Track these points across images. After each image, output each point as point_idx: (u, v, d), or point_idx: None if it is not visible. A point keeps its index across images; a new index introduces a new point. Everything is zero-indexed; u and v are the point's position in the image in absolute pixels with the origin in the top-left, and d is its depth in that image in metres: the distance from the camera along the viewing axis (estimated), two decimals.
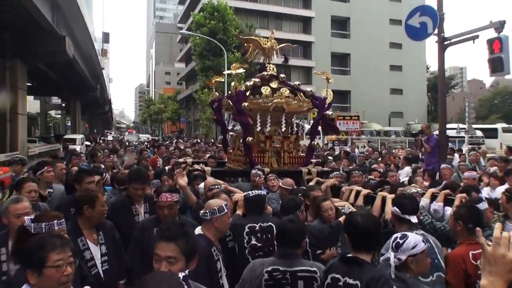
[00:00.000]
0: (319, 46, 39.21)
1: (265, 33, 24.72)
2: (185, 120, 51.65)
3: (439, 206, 4.20)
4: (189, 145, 18.21)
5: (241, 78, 17.50)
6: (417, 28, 7.77)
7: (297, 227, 2.66)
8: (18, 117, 18.47)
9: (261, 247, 3.32)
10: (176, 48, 69.55)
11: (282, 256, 2.59)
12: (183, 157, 9.22)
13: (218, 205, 2.77)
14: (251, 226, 3.38)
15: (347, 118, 23.44)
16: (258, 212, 3.56)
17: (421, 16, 7.69)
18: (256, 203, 3.58)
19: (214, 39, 25.48)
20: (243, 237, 3.34)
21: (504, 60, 6.97)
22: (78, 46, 24.11)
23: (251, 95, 5.90)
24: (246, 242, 3.33)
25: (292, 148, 6.31)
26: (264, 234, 3.38)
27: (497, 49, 7.02)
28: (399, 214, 3.02)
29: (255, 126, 5.94)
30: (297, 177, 5.60)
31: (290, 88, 6.12)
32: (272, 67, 6.31)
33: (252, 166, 5.71)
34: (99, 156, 9.56)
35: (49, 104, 50.36)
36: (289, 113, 6.13)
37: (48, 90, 36.54)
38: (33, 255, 1.84)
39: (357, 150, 15.18)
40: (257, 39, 6.64)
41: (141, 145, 19.30)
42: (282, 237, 2.65)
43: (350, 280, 2.25)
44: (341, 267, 2.33)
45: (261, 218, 3.49)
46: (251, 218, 3.49)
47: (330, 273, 2.37)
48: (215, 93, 7.21)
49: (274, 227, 3.33)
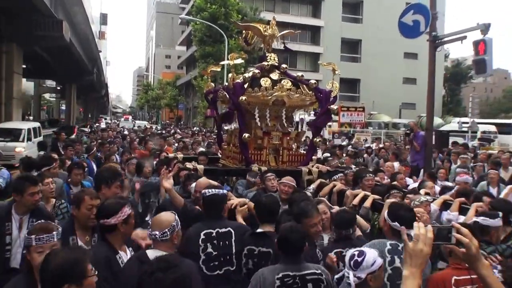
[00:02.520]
0: (329, 31, 39.05)
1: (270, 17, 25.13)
2: (183, 107, 51.98)
3: (454, 215, 4.08)
4: (189, 135, 18.01)
5: (241, 66, 17.98)
6: (410, 25, 8.39)
7: (299, 237, 2.78)
8: (13, 101, 19.34)
9: (217, 256, 3.17)
10: (177, 30, 69.71)
11: (289, 262, 2.76)
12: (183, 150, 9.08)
13: (173, 219, 2.69)
14: (207, 233, 3.20)
15: (351, 109, 23.27)
16: (216, 215, 3.35)
17: (415, 14, 8.32)
18: (213, 205, 3.37)
19: (215, 25, 25.54)
20: (198, 245, 3.16)
21: (487, 62, 7.57)
22: (75, 29, 24.58)
23: (249, 88, 5.74)
24: (201, 251, 3.15)
25: (293, 145, 6.18)
26: (221, 241, 3.20)
27: (482, 50, 7.60)
28: (397, 228, 2.93)
29: (253, 121, 5.83)
30: (296, 177, 5.35)
31: (292, 79, 5.97)
32: (274, 56, 6.12)
33: (247, 165, 5.61)
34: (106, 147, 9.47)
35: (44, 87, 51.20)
36: (290, 107, 5.99)
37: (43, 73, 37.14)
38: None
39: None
40: (257, 26, 6.49)
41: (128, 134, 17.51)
42: (286, 246, 2.79)
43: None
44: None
45: (219, 223, 3.29)
46: (208, 223, 3.28)
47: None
48: (210, 83, 7.01)
49: (233, 233, 3.25)
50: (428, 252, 1.50)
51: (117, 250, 2.75)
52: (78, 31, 25.61)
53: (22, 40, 18.51)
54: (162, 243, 2.62)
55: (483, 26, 7.63)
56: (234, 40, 25.78)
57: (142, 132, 20.26)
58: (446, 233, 1.56)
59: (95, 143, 10.91)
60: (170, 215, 2.75)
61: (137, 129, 26.38)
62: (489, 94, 79.55)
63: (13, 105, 19.24)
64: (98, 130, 23.46)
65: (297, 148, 6.29)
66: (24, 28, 17.51)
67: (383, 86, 38.39)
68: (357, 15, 41.29)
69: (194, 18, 27.91)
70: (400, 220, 2.91)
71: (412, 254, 1.52)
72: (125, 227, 2.82)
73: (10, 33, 17.60)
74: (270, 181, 4.80)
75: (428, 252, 1.50)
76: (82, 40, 28.23)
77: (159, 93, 57.53)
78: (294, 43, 34.61)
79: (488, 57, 7.58)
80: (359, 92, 40.53)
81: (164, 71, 73.06)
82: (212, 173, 5.61)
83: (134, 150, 9.17)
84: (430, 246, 1.51)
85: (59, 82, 44.21)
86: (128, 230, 2.88)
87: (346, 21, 40.52)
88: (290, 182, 4.58)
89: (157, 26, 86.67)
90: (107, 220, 2.77)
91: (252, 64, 14.69)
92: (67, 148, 7.99)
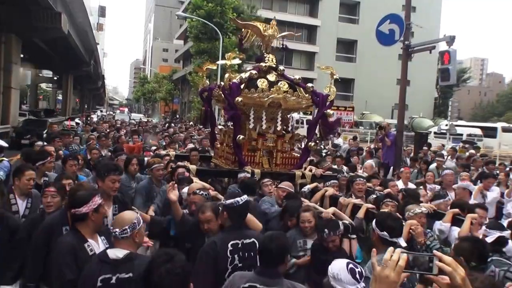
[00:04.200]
0: (325, 30, 39.08)
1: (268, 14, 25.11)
2: (178, 101, 51.90)
3: (446, 227, 4.02)
4: (184, 129, 17.81)
5: (236, 64, 17.95)
6: (386, 34, 8.92)
7: (278, 245, 2.57)
8: (11, 91, 19.39)
9: (242, 267, 2.99)
10: (176, 23, 69.23)
11: (261, 273, 2.53)
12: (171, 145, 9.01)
13: (135, 217, 2.61)
14: (234, 244, 3.00)
15: (341, 108, 23.54)
16: (241, 224, 3.17)
17: (391, 24, 8.83)
18: (239, 213, 3.16)
19: (210, 22, 25.70)
20: (226, 257, 2.94)
21: (450, 71, 8.18)
22: (73, 21, 24.49)
23: (245, 89, 5.64)
24: (229, 263, 2.95)
25: (287, 148, 6.09)
26: (247, 253, 3.06)
27: (447, 60, 8.25)
28: (387, 238, 2.94)
29: (248, 123, 5.74)
30: (289, 180, 5.30)
31: (290, 82, 5.90)
32: (272, 57, 6.02)
33: (240, 166, 5.51)
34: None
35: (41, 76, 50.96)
36: (286, 110, 5.93)
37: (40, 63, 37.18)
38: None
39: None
40: (257, 25, 6.36)
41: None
42: (263, 255, 2.61)
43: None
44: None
45: (244, 233, 3.12)
46: (233, 233, 3.08)
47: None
48: (205, 81, 6.90)
49: (256, 243, 3.06)
50: (396, 280, 1.39)
51: (86, 238, 2.79)
52: (76, 23, 25.54)
53: (20, 31, 18.57)
54: (122, 241, 2.54)
55: (448, 38, 8.42)
56: (229, 38, 25.99)
57: (135, 125, 20.02)
58: (426, 261, 1.40)
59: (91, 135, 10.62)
60: (131, 214, 2.69)
61: (133, 122, 26.23)
62: (483, 97, 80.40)
63: (11, 94, 19.29)
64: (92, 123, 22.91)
65: (291, 150, 6.19)
66: (23, 19, 17.53)
67: (377, 87, 38.63)
68: (353, 15, 41.42)
69: (190, 16, 27.99)
70: (388, 230, 2.93)
71: (377, 279, 1.42)
72: (95, 215, 2.87)
73: (9, 24, 17.63)
74: (267, 186, 4.73)
75: (395, 280, 1.39)
76: (80, 32, 28.15)
77: (155, 87, 57.46)
78: (290, 42, 34.66)
79: (452, 67, 8.34)
80: (353, 91, 40.72)
81: (162, 64, 72.76)
82: (204, 173, 5.56)
83: (122, 145, 8.97)
84: (399, 274, 1.39)
85: (56, 72, 44.04)
86: (98, 219, 2.91)
87: (342, 21, 40.64)
88: (288, 188, 4.57)
89: (156, 19, 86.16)
90: (78, 209, 2.83)
91: (247, 61, 14.81)
92: (54, 140, 7.79)
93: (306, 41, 40.46)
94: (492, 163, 9.37)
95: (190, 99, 40.23)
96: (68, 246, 2.68)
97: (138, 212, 2.81)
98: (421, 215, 3.83)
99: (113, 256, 2.46)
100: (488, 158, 10.57)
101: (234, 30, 25.55)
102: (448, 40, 8.35)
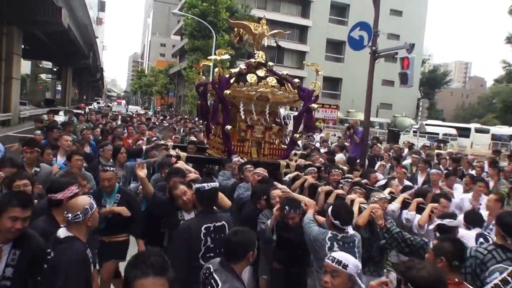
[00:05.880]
0: (316, 31, 39.17)
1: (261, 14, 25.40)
2: (174, 94, 51.97)
3: (412, 215, 4.15)
4: (174, 122, 17.71)
5: (228, 61, 18.34)
6: (356, 39, 9.30)
7: (240, 240, 2.46)
8: (12, 81, 19.62)
9: (213, 248, 3.08)
10: (173, 19, 68.68)
11: (221, 263, 2.45)
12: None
13: (88, 203, 2.56)
14: (207, 227, 3.11)
15: (326, 106, 23.87)
16: (211, 208, 3.29)
17: (360, 30, 9.24)
18: (210, 198, 3.28)
19: (204, 21, 25.95)
20: (200, 239, 3.05)
21: (409, 75, 8.71)
22: (73, 15, 24.63)
23: (235, 82, 5.76)
24: (203, 244, 3.06)
25: (275, 139, 6.19)
26: (218, 234, 3.12)
27: (406, 65, 8.71)
28: (339, 225, 3.15)
29: (238, 114, 5.86)
30: (274, 169, 5.54)
31: (278, 77, 6.03)
32: (261, 54, 6.16)
33: (229, 155, 5.64)
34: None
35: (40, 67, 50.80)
36: (274, 103, 6.03)
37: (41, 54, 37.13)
38: None
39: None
40: (247, 24, 6.53)
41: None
42: (225, 247, 2.53)
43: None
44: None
45: (215, 217, 3.22)
46: (206, 217, 3.18)
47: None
48: (201, 77, 6.99)
49: (226, 226, 3.18)
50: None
51: (59, 224, 2.74)
52: (76, 17, 25.65)
53: (22, 23, 18.67)
54: (74, 225, 2.50)
55: (408, 46, 8.79)
56: (222, 36, 26.26)
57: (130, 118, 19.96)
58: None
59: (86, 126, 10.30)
60: (86, 199, 2.63)
61: (130, 114, 26.03)
62: (465, 99, 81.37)
63: (13, 84, 19.52)
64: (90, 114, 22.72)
65: (279, 142, 6.29)
66: (25, 12, 17.59)
67: (363, 86, 38.19)
68: (343, 17, 41.72)
69: (186, 14, 28.27)
70: (340, 219, 3.14)
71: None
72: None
73: (11, 16, 17.74)
74: (249, 172, 4.83)
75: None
76: (79, 25, 28.24)
77: (151, 80, 57.61)
78: (282, 41, 35.03)
79: (410, 72, 8.71)
80: (340, 90, 41.04)
81: (159, 58, 72.45)
82: (194, 161, 5.69)
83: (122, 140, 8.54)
84: None
85: (56, 64, 43.96)
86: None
87: (332, 22, 40.79)
88: (262, 173, 4.69)
89: (154, 14, 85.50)
90: (54, 195, 2.90)
91: (241, 58, 15.12)
92: (52, 130, 7.41)
93: (298, 41, 40.58)
94: (457, 161, 9.68)
95: (185, 93, 40.51)
96: (40, 231, 2.67)
97: (91, 197, 2.73)
98: (384, 200, 4.00)
99: (57, 235, 2.48)
100: (455, 156, 10.70)
101: (227, 28, 25.86)
102: (408, 48, 8.74)
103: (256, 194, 4.16)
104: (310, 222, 3.41)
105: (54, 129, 7.58)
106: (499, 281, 2.76)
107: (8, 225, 2.36)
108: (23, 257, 2.43)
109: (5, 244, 2.38)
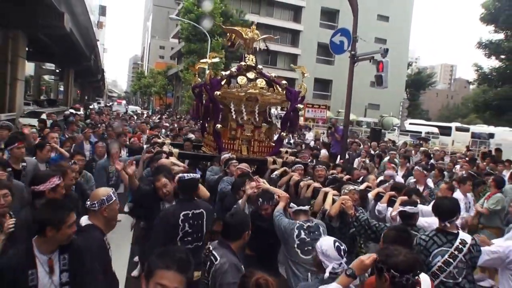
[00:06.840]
0: (307, 35, 39.65)
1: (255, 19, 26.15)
2: (172, 95, 52.38)
3: (383, 207, 4.32)
4: (170, 121, 18.30)
5: (221, 63, 18.85)
6: (338, 44, 9.92)
7: (237, 221, 2.75)
8: (17, 82, 20.22)
9: (191, 233, 3.30)
10: (172, 23, 68.52)
11: (219, 242, 2.73)
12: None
13: (106, 194, 2.64)
14: (185, 214, 3.30)
15: (315, 106, 24.72)
16: (191, 197, 3.45)
17: (341, 36, 9.86)
18: (190, 188, 3.46)
19: (200, 26, 26.44)
20: (178, 224, 3.24)
21: (383, 77, 9.28)
22: (75, 20, 24.94)
23: (226, 84, 5.93)
24: (180, 229, 3.25)
25: (264, 138, 6.34)
26: (195, 221, 3.32)
27: (381, 68, 9.27)
28: (296, 208, 3.40)
29: (230, 114, 6.03)
30: (262, 165, 5.73)
31: (267, 79, 6.21)
32: (252, 57, 6.35)
33: (220, 152, 5.80)
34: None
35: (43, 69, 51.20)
36: (262, 104, 6.18)
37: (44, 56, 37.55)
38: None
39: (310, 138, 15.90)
40: (239, 29, 6.70)
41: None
42: (223, 229, 2.76)
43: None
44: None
45: (194, 204, 3.40)
46: (185, 205, 3.36)
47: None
48: (197, 78, 7.18)
49: (204, 213, 3.38)
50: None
51: None
52: (78, 21, 26.04)
53: (27, 28, 18.93)
54: (92, 214, 2.65)
55: (383, 51, 9.31)
56: (216, 40, 26.76)
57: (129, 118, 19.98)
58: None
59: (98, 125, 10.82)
60: (104, 190, 2.73)
61: (131, 114, 26.41)
62: (450, 100, 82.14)
63: (17, 85, 20.14)
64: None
65: (268, 141, 6.44)
66: (29, 16, 17.76)
67: (353, 87, 39.64)
68: (333, 22, 42.35)
69: (182, 19, 28.93)
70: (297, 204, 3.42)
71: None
72: (52, 194, 2.96)
73: (17, 21, 17.94)
74: (234, 166, 5.00)
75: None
76: (81, 29, 28.60)
77: (151, 81, 58.24)
78: (275, 44, 35.67)
79: (384, 74, 9.25)
80: (331, 91, 41.56)
81: (158, 61, 72.67)
82: (185, 157, 5.86)
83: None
84: None
85: (58, 65, 44.26)
86: (55, 198, 2.92)
87: (323, 27, 41.20)
88: (244, 168, 4.86)
89: (153, 18, 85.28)
90: (36, 187, 2.95)
91: (236, 61, 15.52)
92: (54, 128, 7.93)
93: (290, 44, 41.12)
94: (429, 156, 10.22)
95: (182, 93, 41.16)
96: (26, 222, 2.70)
97: (112, 189, 2.81)
98: (354, 191, 4.18)
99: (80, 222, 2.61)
100: (427, 151, 11.13)
101: (220, 33, 26.58)
102: (382, 52, 9.28)
103: (236, 186, 4.36)
104: (280, 214, 3.55)
105: (55, 127, 8.09)
106: (442, 263, 3.00)
107: (69, 231, 2.33)
108: (73, 259, 2.39)
109: (53, 253, 2.34)
